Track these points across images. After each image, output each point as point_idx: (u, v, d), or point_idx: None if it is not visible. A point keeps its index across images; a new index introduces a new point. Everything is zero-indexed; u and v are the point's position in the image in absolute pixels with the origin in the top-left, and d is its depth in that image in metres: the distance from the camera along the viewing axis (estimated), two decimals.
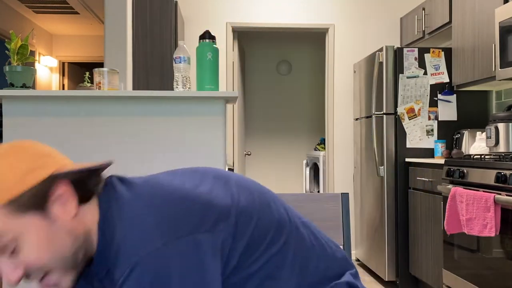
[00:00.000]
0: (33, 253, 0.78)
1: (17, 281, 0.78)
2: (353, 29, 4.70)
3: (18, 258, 0.78)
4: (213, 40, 2.05)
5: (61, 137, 2.08)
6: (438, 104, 3.61)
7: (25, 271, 0.79)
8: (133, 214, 0.82)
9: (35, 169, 0.79)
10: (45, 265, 0.79)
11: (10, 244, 0.77)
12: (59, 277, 0.81)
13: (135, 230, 0.80)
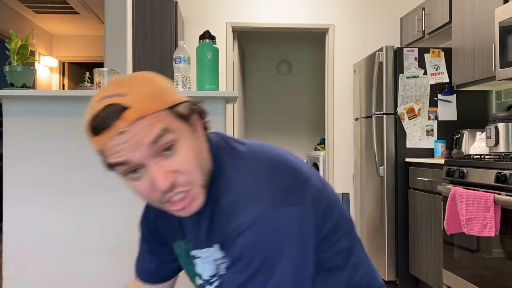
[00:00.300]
0: (186, 156, 0.82)
1: (167, 187, 0.80)
2: (353, 29, 4.70)
3: (172, 160, 0.81)
4: (213, 40, 2.05)
5: (61, 137, 2.08)
6: (438, 104, 3.61)
7: (174, 179, 0.81)
8: (251, 169, 0.86)
9: (176, 91, 0.87)
10: (193, 173, 0.83)
11: (171, 143, 0.81)
12: (196, 192, 0.85)
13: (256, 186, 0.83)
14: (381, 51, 3.67)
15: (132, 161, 0.80)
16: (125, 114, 0.78)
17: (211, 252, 0.91)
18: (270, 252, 0.80)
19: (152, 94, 0.81)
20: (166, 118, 0.81)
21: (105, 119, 0.79)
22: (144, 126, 0.79)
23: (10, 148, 2.07)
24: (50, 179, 2.07)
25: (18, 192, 2.06)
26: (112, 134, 0.79)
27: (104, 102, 0.81)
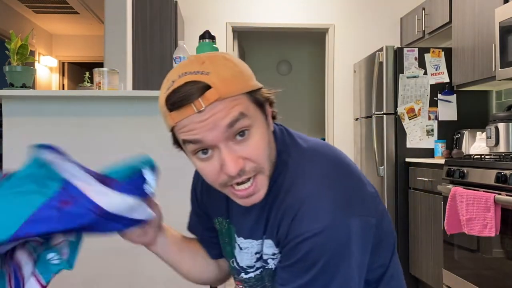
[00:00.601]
0: (257, 144, 0.81)
1: (236, 172, 0.79)
2: (353, 29, 4.70)
3: (244, 146, 0.80)
4: (213, 40, 2.05)
5: (61, 137, 2.08)
6: (438, 104, 3.61)
7: (244, 166, 0.80)
8: (317, 170, 0.85)
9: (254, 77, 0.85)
10: (262, 161, 0.82)
11: (246, 124, 0.79)
12: (262, 182, 0.83)
13: (324, 190, 0.82)
14: (381, 51, 3.67)
15: (205, 141, 0.79)
16: (207, 93, 0.77)
17: (253, 245, 0.91)
18: (334, 258, 0.80)
19: (234, 77, 0.80)
20: (244, 102, 0.80)
21: (186, 95, 0.78)
22: (223, 108, 0.77)
23: (10, 148, 2.07)
24: None
25: None
26: (190, 111, 0.78)
27: (186, 78, 0.79)
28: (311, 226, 0.80)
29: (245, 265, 0.94)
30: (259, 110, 0.83)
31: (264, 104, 0.85)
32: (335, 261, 0.81)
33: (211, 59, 0.81)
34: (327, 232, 0.79)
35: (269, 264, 0.90)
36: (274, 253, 0.88)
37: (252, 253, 0.92)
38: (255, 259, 0.92)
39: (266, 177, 0.84)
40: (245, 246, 0.93)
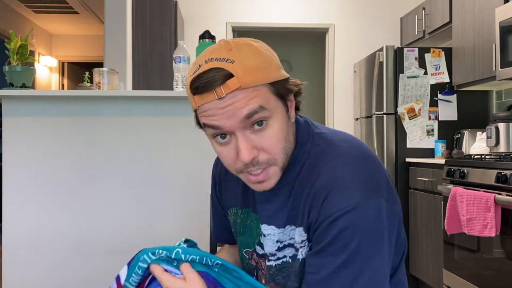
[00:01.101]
0: (274, 136, 0.83)
1: (248, 161, 0.82)
2: (353, 29, 4.70)
3: (260, 137, 0.82)
4: (213, 40, 2.05)
5: (61, 137, 2.07)
6: (438, 104, 3.61)
7: (257, 155, 0.82)
8: (343, 157, 0.86)
9: (282, 67, 0.87)
10: (276, 154, 0.84)
11: (264, 116, 0.81)
12: (274, 173, 0.86)
13: (350, 174, 0.84)
14: (382, 51, 3.67)
15: (224, 127, 0.81)
16: (228, 81, 0.78)
17: (275, 232, 0.93)
18: (366, 241, 0.81)
19: (258, 67, 0.81)
20: (265, 93, 0.81)
21: (208, 81, 0.79)
22: (242, 97, 0.79)
23: (10, 148, 2.06)
24: (50, 179, 2.07)
25: (18, 192, 2.06)
26: (212, 97, 0.80)
27: (211, 64, 0.80)
28: (342, 204, 0.81)
29: (267, 252, 0.95)
30: (280, 101, 0.84)
31: (287, 95, 0.86)
32: (367, 245, 0.81)
33: (239, 47, 0.82)
34: (358, 209, 0.81)
35: (299, 251, 0.90)
36: (303, 240, 0.89)
37: (274, 241, 0.93)
38: (276, 247, 0.93)
39: (278, 168, 0.86)
40: (267, 232, 0.94)
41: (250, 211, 0.99)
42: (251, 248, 1.00)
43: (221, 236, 1.15)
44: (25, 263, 2.06)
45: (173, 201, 2.09)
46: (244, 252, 1.01)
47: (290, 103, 0.88)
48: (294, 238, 0.90)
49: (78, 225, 2.07)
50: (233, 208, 1.03)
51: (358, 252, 0.81)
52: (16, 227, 2.06)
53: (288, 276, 0.93)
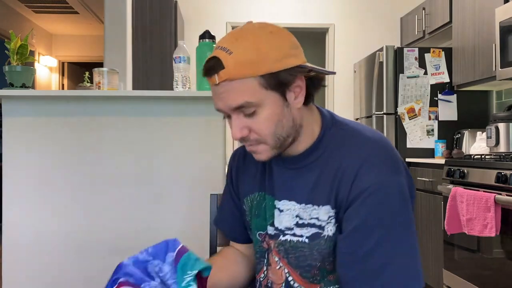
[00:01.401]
0: (264, 122, 0.92)
1: (237, 138, 0.94)
2: (353, 29, 4.70)
3: (251, 120, 0.92)
4: (213, 40, 2.05)
5: (61, 137, 2.07)
6: (438, 104, 3.61)
7: (247, 134, 0.94)
8: (370, 139, 0.96)
9: (291, 55, 0.91)
10: (265, 136, 0.93)
11: (251, 107, 0.90)
12: (263, 149, 0.96)
13: (378, 153, 0.94)
14: (382, 51, 3.67)
15: (222, 110, 0.94)
16: (221, 71, 0.88)
17: (296, 208, 0.99)
18: (397, 213, 0.89)
19: (250, 61, 0.88)
20: (253, 87, 0.89)
21: (208, 68, 0.91)
22: (231, 88, 0.89)
23: (10, 148, 2.06)
24: (50, 179, 2.07)
25: (18, 192, 2.06)
26: (212, 82, 0.92)
27: (216, 52, 0.91)
28: (373, 180, 0.89)
29: (284, 226, 1.00)
30: (273, 92, 0.91)
31: (285, 85, 0.91)
32: (399, 219, 0.89)
33: (242, 38, 0.90)
34: (388, 185, 0.89)
35: (325, 230, 0.95)
36: (330, 217, 0.94)
37: (293, 216, 0.99)
38: (295, 222, 0.98)
39: (269, 147, 0.95)
40: (286, 208, 1.00)
41: (265, 194, 1.05)
42: (264, 231, 1.05)
43: (232, 232, 1.19)
44: (25, 263, 2.06)
45: (173, 201, 2.09)
46: (258, 235, 1.07)
47: (296, 89, 0.93)
48: (317, 218, 0.96)
49: (78, 225, 2.07)
50: (250, 195, 1.09)
51: (392, 228, 0.88)
52: (16, 227, 2.05)
53: (302, 257, 0.98)
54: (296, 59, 0.92)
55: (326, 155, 0.97)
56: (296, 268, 0.99)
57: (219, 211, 1.23)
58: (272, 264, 1.03)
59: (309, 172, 0.98)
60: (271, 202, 1.03)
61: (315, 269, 0.97)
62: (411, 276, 0.89)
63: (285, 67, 0.90)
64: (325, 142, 0.99)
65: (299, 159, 1.00)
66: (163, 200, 2.09)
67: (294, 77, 0.92)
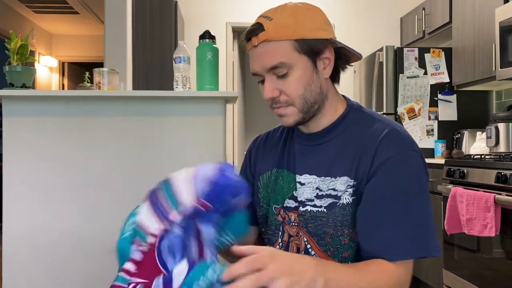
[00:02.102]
0: (294, 83, 1.01)
1: (268, 98, 1.03)
2: (353, 29, 4.70)
3: (283, 82, 1.01)
4: (213, 40, 2.05)
5: (61, 137, 2.08)
6: (438, 104, 3.61)
7: (278, 95, 1.02)
8: (387, 123, 1.06)
9: (324, 29, 1.03)
10: (294, 97, 1.02)
11: (284, 68, 1.00)
12: (291, 112, 1.04)
13: (401, 130, 1.04)
14: (381, 51, 3.67)
15: (257, 71, 1.03)
16: (260, 34, 1.00)
17: (316, 180, 1.06)
18: (416, 183, 0.99)
19: (287, 26, 0.99)
20: (287, 48, 0.99)
21: (249, 31, 1.02)
22: (268, 49, 1.00)
23: (10, 148, 2.06)
24: (50, 179, 2.07)
25: (18, 192, 2.06)
26: (250, 45, 1.03)
27: (258, 19, 1.03)
28: (395, 151, 0.99)
29: (304, 198, 1.07)
30: (305, 57, 1.00)
31: (316, 53, 1.01)
32: (418, 189, 0.98)
33: (285, 8, 1.02)
34: (409, 157, 1.00)
35: (340, 199, 1.02)
36: (348, 186, 1.02)
37: (313, 188, 1.06)
38: (315, 194, 1.05)
39: (297, 110, 1.03)
40: (308, 181, 1.07)
41: (283, 170, 1.13)
42: (279, 205, 1.12)
43: None
44: (25, 263, 2.06)
45: None
46: (273, 208, 1.13)
47: (325, 60, 1.04)
48: (333, 188, 1.03)
49: (78, 225, 2.07)
50: (266, 172, 1.17)
51: (416, 197, 0.98)
52: (16, 227, 2.06)
53: (320, 226, 1.04)
54: (327, 33, 1.03)
55: (346, 133, 1.06)
56: (314, 236, 1.05)
57: None
58: (287, 235, 1.10)
59: (329, 148, 1.07)
60: (290, 177, 1.11)
61: (329, 237, 1.03)
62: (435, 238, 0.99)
63: (317, 37, 1.00)
64: (347, 121, 1.08)
65: (320, 136, 1.09)
66: None
67: (324, 48, 1.02)
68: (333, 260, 1.03)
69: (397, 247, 0.95)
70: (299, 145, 1.12)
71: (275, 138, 1.20)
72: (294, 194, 1.09)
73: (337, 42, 1.04)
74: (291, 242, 1.10)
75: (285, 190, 1.11)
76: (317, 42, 1.01)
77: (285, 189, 1.11)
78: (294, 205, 1.09)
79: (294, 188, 1.09)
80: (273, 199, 1.13)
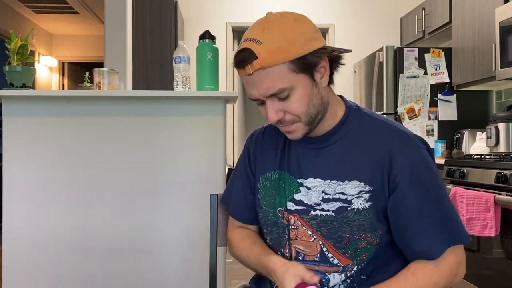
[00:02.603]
0: (297, 102, 1.01)
1: (274, 121, 1.03)
2: (353, 29, 4.70)
3: (285, 103, 1.01)
4: (213, 40, 2.05)
5: (61, 137, 2.08)
6: (438, 104, 3.61)
7: (283, 117, 1.03)
8: (389, 123, 1.08)
9: (315, 38, 1.01)
10: (299, 115, 1.02)
11: (285, 92, 0.99)
12: (297, 128, 1.04)
13: (405, 130, 1.07)
14: (381, 51, 3.67)
15: (256, 97, 1.02)
16: (254, 62, 0.97)
17: (321, 184, 1.07)
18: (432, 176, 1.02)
19: (280, 48, 0.96)
20: (285, 72, 0.98)
21: (240, 59, 0.99)
22: (264, 76, 0.98)
23: (10, 148, 2.06)
24: (50, 179, 2.07)
25: (18, 192, 2.06)
26: (243, 73, 1.01)
27: (246, 44, 0.99)
28: (412, 152, 1.02)
29: (313, 202, 1.07)
30: (303, 73, 0.99)
31: (313, 66, 1.00)
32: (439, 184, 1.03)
33: (271, 28, 0.98)
34: (425, 154, 1.03)
35: (353, 204, 1.03)
36: (360, 191, 1.02)
37: (319, 192, 1.06)
38: (321, 197, 1.06)
39: (303, 124, 1.04)
40: (313, 185, 1.07)
41: (284, 173, 1.13)
42: (283, 207, 1.11)
43: (239, 211, 1.23)
44: (25, 263, 2.06)
45: (173, 201, 2.09)
46: (278, 212, 1.13)
47: (321, 70, 1.03)
48: (342, 193, 1.04)
49: (79, 225, 2.07)
50: (266, 173, 1.16)
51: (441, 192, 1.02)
52: (16, 227, 2.06)
53: (333, 230, 1.04)
54: (319, 41, 1.01)
55: (349, 135, 1.07)
56: (329, 240, 1.05)
57: (229, 192, 1.27)
58: (303, 238, 1.09)
59: (333, 151, 1.07)
60: (291, 180, 1.11)
61: (345, 241, 1.04)
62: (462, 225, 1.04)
63: (311, 50, 0.98)
64: (348, 123, 1.08)
65: (323, 139, 1.09)
66: (163, 200, 2.09)
67: (319, 58, 1.01)
68: (352, 262, 1.05)
69: (438, 242, 1.00)
70: (302, 148, 1.11)
71: (273, 137, 1.19)
72: (295, 197, 1.09)
73: (328, 48, 1.03)
74: (291, 245, 1.10)
75: (287, 193, 1.11)
76: (311, 56, 0.99)
77: (287, 191, 1.11)
78: (294, 208, 1.09)
79: (295, 191, 1.09)
80: (278, 202, 1.13)
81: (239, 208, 1.23)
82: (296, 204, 1.09)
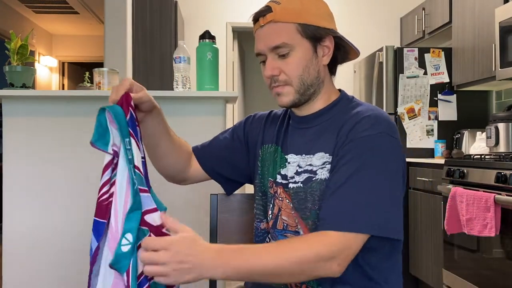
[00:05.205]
0: (294, 63, 1.08)
1: (268, 76, 1.10)
2: (353, 29, 4.70)
3: (283, 61, 1.08)
4: (213, 40, 2.05)
5: (61, 137, 2.08)
6: (438, 104, 3.61)
7: (278, 74, 1.09)
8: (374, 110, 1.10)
9: (327, 20, 1.11)
10: (293, 77, 1.09)
11: (286, 48, 1.07)
12: (288, 91, 1.11)
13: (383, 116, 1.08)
14: (381, 51, 3.67)
15: (260, 50, 1.11)
16: (268, 14, 1.07)
17: (298, 159, 1.13)
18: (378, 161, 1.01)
19: (294, 10, 1.07)
20: (291, 30, 1.07)
21: (258, 13, 1.10)
22: (273, 30, 1.07)
23: (10, 148, 2.07)
24: (50, 179, 2.07)
25: (18, 192, 2.06)
26: (257, 26, 1.11)
27: (268, 3, 1.10)
28: (369, 131, 1.03)
29: (289, 175, 1.14)
30: (307, 41, 1.08)
31: (318, 39, 1.08)
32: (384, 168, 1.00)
33: None
34: (383, 137, 1.03)
35: (317, 174, 1.08)
36: (325, 162, 1.08)
37: (295, 166, 1.13)
38: (295, 171, 1.13)
39: (293, 90, 1.10)
40: (293, 160, 1.15)
41: (278, 147, 1.20)
42: (273, 178, 1.19)
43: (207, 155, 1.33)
44: (25, 263, 2.06)
45: (173, 200, 2.09)
46: (268, 182, 1.21)
47: (324, 49, 1.11)
48: (310, 164, 1.10)
49: (78, 225, 2.07)
50: (266, 145, 1.24)
51: (379, 176, 0.99)
52: (16, 227, 2.06)
53: (302, 201, 1.10)
54: (330, 24, 1.10)
55: (332, 120, 1.12)
56: (298, 211, 1.11)
57: (205, 143, 1.36)
58: (286, 210, 1.14)
59: (314, 131, 1.13)
60: (281, 155, 1.18)
61: (308, 211, 1.08)
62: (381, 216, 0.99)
63: (320, 25, 1.08)
64: (337, 109, 1.14)
65: (310, 119, 1.15)
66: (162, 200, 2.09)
67: (325, 35, 1.09)
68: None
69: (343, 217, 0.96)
70: (293, 128, 1.19)
71: (276, 116, 1.28)
72: (281, 172, 1.16)
73: (338, 33, 1.11)
74: (279, 217, 1.16)
75: (277, 166, 1.18)
76: (319, 29, 1.08)
77: (277, 164, 1.18)
78: (280, 181, 1.16)
79: (282, 166, 1.17)
80: (269, 172, 1.20)
81: (209, 153, 1.31)
82: (282, 178, 1.16)
